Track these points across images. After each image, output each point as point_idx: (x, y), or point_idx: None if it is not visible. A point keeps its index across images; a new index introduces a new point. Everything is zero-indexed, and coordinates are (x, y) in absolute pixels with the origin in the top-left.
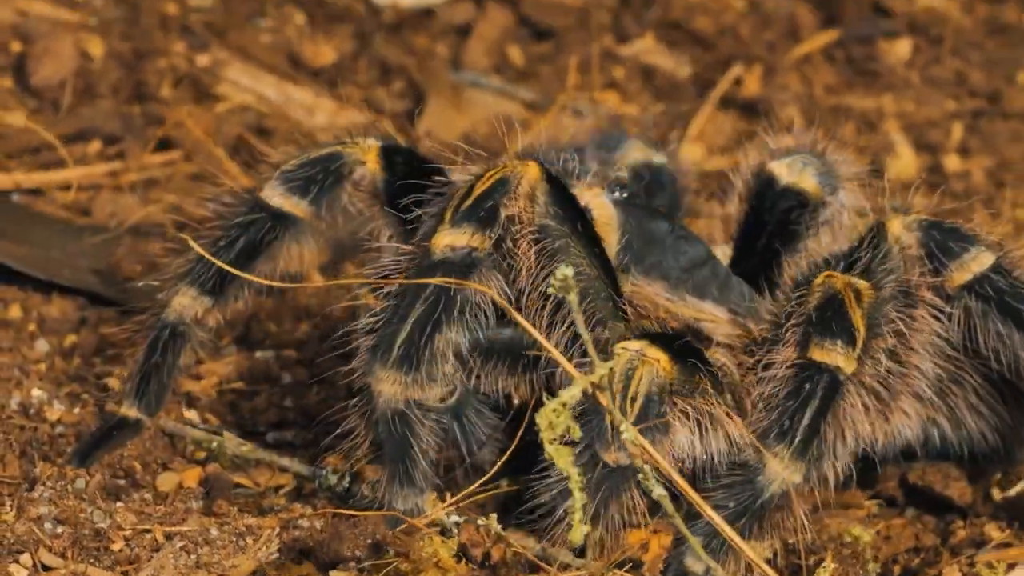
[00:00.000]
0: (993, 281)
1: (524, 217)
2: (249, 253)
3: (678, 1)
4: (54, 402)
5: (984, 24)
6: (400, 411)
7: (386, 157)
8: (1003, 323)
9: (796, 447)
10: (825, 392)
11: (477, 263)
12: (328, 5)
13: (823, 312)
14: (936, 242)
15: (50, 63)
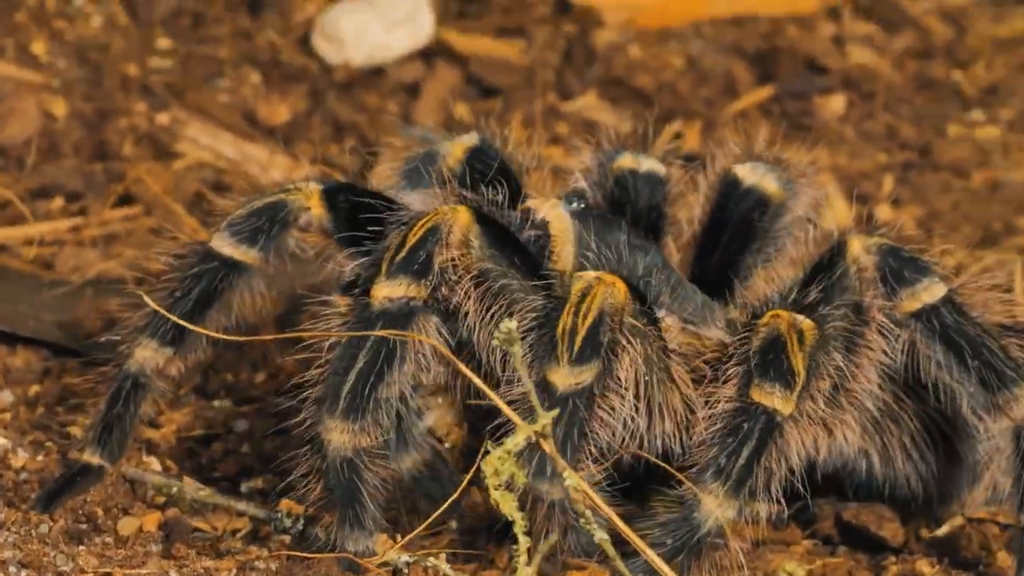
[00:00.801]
0: (941, 313)
1: (461, 262)
2: (204, 302)
3: (619, 59)
4: (18, 450)
5: (914, 80)
6: (348, 459)
7: (329, 199)
8: (944, 355)
9: (731, 485)
10: (762, 433)
11: (416, 311)
12: (283, 66)
13: (765, 355)
14: (892, 268)
15: (15, 123)
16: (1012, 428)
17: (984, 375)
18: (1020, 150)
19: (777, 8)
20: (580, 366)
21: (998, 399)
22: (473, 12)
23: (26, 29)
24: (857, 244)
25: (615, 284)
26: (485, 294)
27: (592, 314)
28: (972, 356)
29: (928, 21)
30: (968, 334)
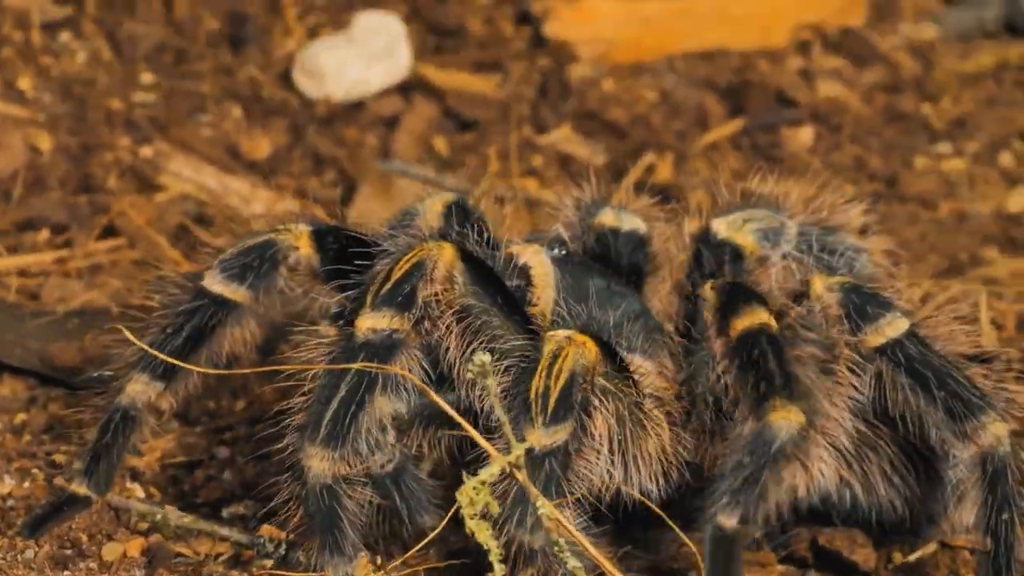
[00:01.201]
0: (905, 347)
1: (444, 297)
2: (195, 339)
3: (593, 93)
4: (5, 477)
5: (882, 112)
6: (328, 485)
7: (318, 240)
8: (911, 387)
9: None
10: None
11: (399, 344)
12: (264, 100)
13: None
14: (854, 305)
15: (1, 156)
16: (979, 455)
17: (950, 404)
18: (986, 182)
19: (748, 43)
20: (554, 426)
21: (965, 427)
22: (450, 47)
23: (12, 65)
24: (819, 284)
25: (585, 344)
26: (466, 330)
27: (564, 375)
28: (938, 387)
29: (897, 56)
30: (933, 365)
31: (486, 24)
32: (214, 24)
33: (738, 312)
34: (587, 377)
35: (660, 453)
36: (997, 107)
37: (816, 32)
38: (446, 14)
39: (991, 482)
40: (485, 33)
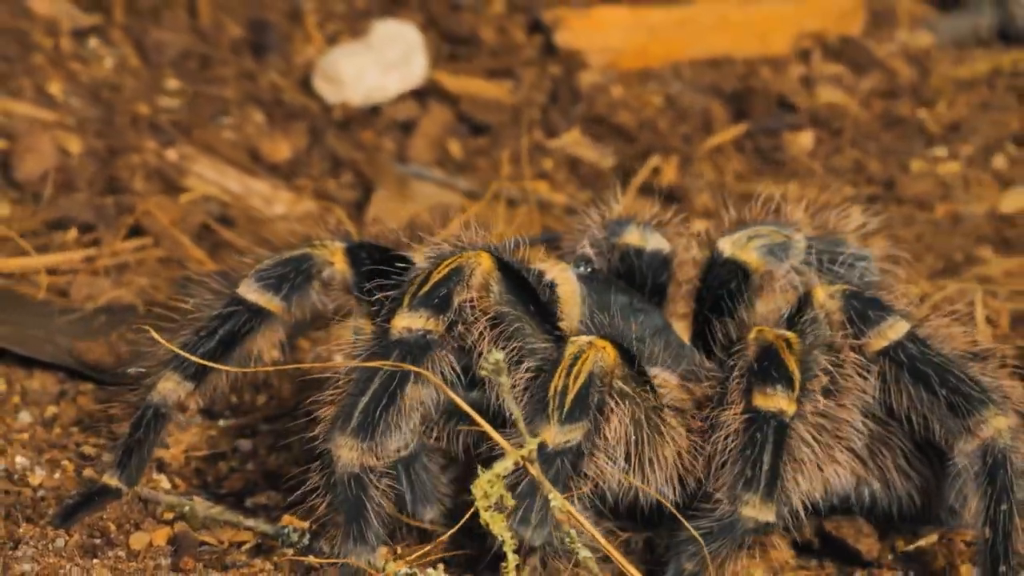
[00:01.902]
0: (906, 348)
1: (480, 304)
2: (227, 343)
3: (602, 98)
4: (36, 468)
5: (880, 118)
6: (356, 475)
7: (351, 256)
8: (914, 386)
9: (764, 491)
10: (776, 436)
11: (431, 344)
12: (284, 105)
13: (761, 362)
14: (856, 310)
15: (32, 159)
16: (980, 446)
17: (952, 400)
18: (980, 184)
19: (751, 50)
20: (569, 425)
21: (967, 422)
22: (464, 55)
23: (43, 71)
24: (821, 292)
25: (605, 348)
26: (499, 337)
27: (582, 376)
28: (940, 384)
29: (894, 63)
30: (934, 363)
31: (499, 33)
32: (237, 31)
33: (764, 389)
34: (605, 380)
35: (677, 459)
36: (990, 112)
37: (816, 40)
38: (460, 23)
39: (990, 473)
40: (498, 41)
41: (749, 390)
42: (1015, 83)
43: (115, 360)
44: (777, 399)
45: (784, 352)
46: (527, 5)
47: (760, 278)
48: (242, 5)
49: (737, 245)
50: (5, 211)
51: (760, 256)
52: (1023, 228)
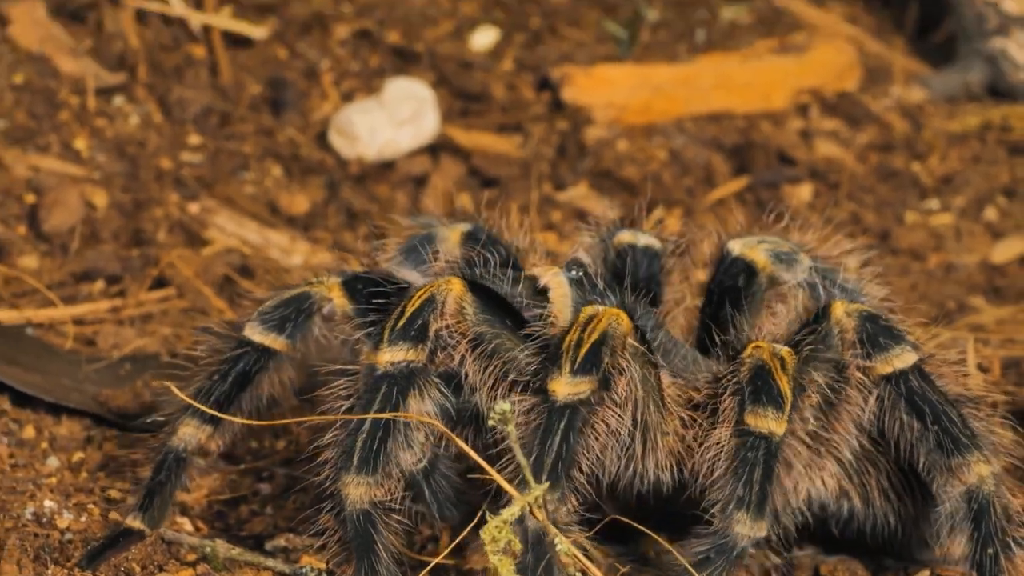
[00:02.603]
0: (909, 380)
1: (458, 328)
2: (240, 384)
3: (608, 153)
4: (64, 512)
5: (876, 171)
6: (365, 511)
7: (348, 288)
8: (907, 416)
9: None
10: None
11: (416, 373)
12: (302, 160)
13: (754, 382)
14: (869, 333)
15: (60, 212)
16: (964, 492)
17: (940, 439)
18: (971, 235)
19: (751, 106)
20: (581, 377)
21: (951, 462)
22: (474, 111)
23: (69, 127)
24: (840, 308)
25: (620, 315)
26: (481, 356)
27: (597, 332)
28: (932, 421)
29: (889, 117)
30: (931, 400)
31: (508, 90)
32: (256, 89)
33: (756, 411)
34: (618, 340)
35: (677, 440)
36: (981, 165)
37: (814, 96)
38: (471, 80)
39: (975, 518)
40: (507, 98)
41: (741, 409)
42: (1005, 137)
43: (140, 407)
44: (768, 421)
45: (777, 373)
46: (535, 63)
47: (767, 279)
48: (261, 64)
49: (747, 246)
50: (34, 263)
51: (767, 257)
52: (1014, 278)
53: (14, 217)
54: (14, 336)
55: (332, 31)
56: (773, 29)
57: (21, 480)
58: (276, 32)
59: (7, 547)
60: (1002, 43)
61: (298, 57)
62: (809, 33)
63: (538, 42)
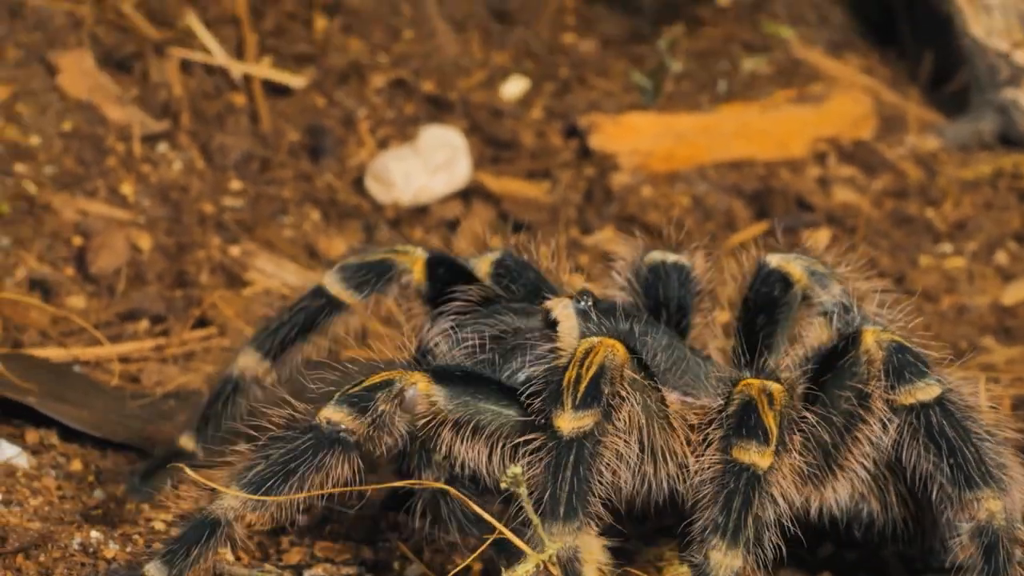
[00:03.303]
0: (929, 414)
1: (435, 417)
2: (306, 326)
3: (633, 199)
4: (109, 542)
5: (891, 216)
6: None
7: (430, 267)
8: (925, 448)
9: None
10: (747, 487)
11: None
12: (339, 204)
13: (740, 417)
14: (896, 363)
15: (106, 255)
16: (976, 527)
17: (953, 474)
18: (983, 278)
19: (771, 154)
20: (583, 411)
21: (963, 497)
22: (505, 158)
23: (116, 172)
24: (871, 337)
25: (615, 346)
26: (467, 436)
27: (595, 367)
28: (948, 455)
29: (903, 165)
30: (948, 436)
31: (537, 137)
32: (295, 136)
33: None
34: (616, 371)
35: (684, 452)
36: (993, 211)
37: (831, 144)
38: (502, 128)
39: (986, 553)
40: (536, 145)
41: (727, 442)
42: (1016, 184)
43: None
44: (751, 454)
45: (763, 409)
46: (564, 112)
47: (801, 291)
48: (299, 112)
49: (784, 259)
50: (81, 303)
51: (802, 271)
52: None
53: (62, 259)
54: (62, 373)
55: (369, 80)
56: (792, 80)
57: (69, 511)
58: (314, 81)
59: (55, 575)
60: (1013, 94)
61: (336, 105)
62: (827, 84)
63: (567, 91)
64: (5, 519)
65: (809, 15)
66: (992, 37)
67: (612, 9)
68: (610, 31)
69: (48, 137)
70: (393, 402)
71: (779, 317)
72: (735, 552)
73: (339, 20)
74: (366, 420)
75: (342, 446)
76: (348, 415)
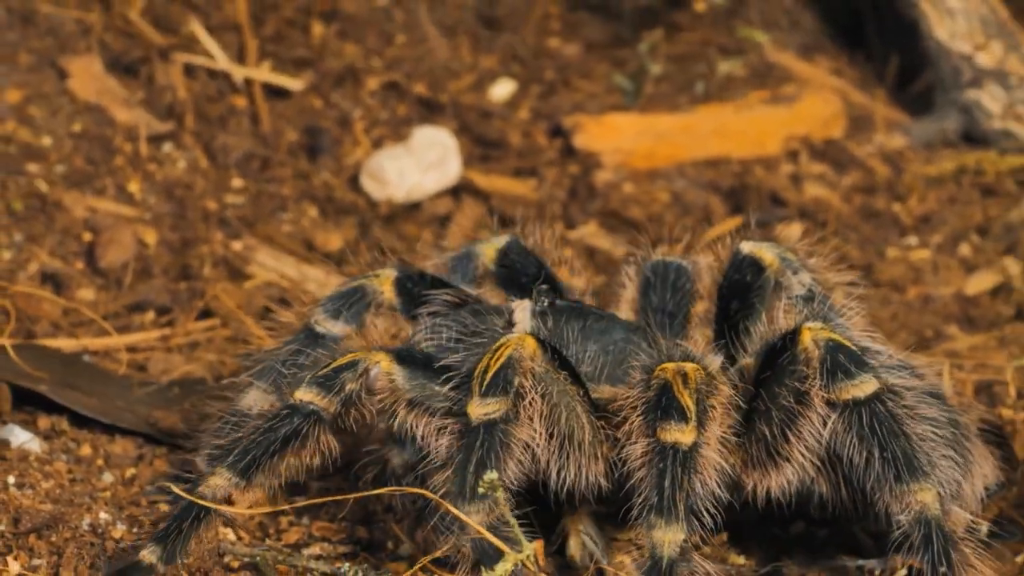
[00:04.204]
0: (863, 409)
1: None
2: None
3: (615, 195)
4: (117, 523)
5: (859, 211)
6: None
7: (399, 285)
8: (859, 443)
9: (668, 513)
10: (674, 464)
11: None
12: (336, 201)
13: (658, 400)
14: (833, 360)
15: (114, 250)
16: (912, 518)
17: (885, 469)
18: (947, 269)
19: (746, 152)
20: (489, 399)
21: (896, 490)
22: (493, 157)
23: (123, 171)
24: (808, 335)
25: (525, 340)
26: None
27: (502, 359)
28: (880, 450)
29: (871, 162)
30: (880, 432)
31: (524, 137)
32: (294, 136)
33: (662, 425)
34: (523, 363)
35: (601, 449)
36: (957, 205)
37: (803, 143)
38: (490, 128)
39: (924, 542)
40: (523, 145)
41: (651, 426)
42: (978, 180)
43: (187, 427)
44: (673, 432)
45: (678, 389)
46: (549, 112)
47: (774, 276)
48: (298, 113)
49: (757, 246)
50: (91, 296)
51: (774, 256)
52: (985, 308)
53: (72, 254)
54: (72, 362)
55: (364, 83)
56: (765, 82)
57: (79, 494)
58: (312, 84)
59: (65, 555)
60: (976, 94)
61: (332, 107)
62: (798, 85)
63: (552, 93)
64: (19, 501)
65: (781, 20)
66: (955, 40)
67: (595, 15)
68: (593, 36)
69: (59, 138)
70: (359, 380)
71: (753, 302)
72: (676, 527)
73: (335, 26)
74: (336, 399)
75: (317, 418)
76: (318, 395)
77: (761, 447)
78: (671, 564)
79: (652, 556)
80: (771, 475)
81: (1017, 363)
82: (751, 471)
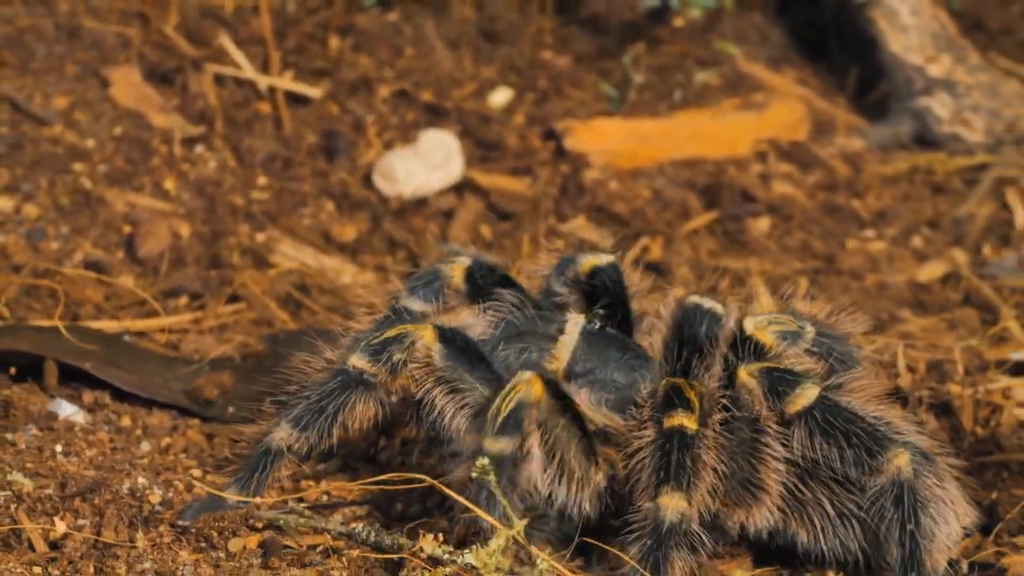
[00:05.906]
0: (813, 413)
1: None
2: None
3: (602, 192)
4: (154, 487)
5: (822, 206)
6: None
7: (469, 272)
8: (826, 440)
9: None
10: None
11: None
12: (351, 197)
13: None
14: (770, 384)
15: (152, 241)
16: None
17: (858, 451)
18: (901, 259)
19: (720, 153)
20: (501, 437)
21: (874, 464)
22: (493, 157)
23: (160, 170)
24: (743, 372)
25: (533, 383)
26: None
27: (512, 403)
28: (846, 438)
29: (833, 162)
30: (836, 423)
31: (520, 139)
32: (313, 139)
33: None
34: (530, 407)
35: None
36: (910, 202)
37: (771, 145)
38: (490, 132)
39: (895, 500)
40: (519, 146)
41: (659, 418)
42: (929, 179)
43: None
44: (679, 417)
45: (685, 388)
46: (543, 117)
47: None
48: (317, 118)
49: (759, 326)
50: (131, 282)
51: (774, 338)
52: (936, 294)
53: (114, 244)
54: (114, 342)
55: (376, 91)
56: (737, 90)
57: (119, 461)
58: (329, 92)
59: (107, 516)
60: (927, 102)
61: (347, 113)
62: (767, 94)
63: (545, 100)
64: (65, 467)
65: (752, 35)
66: (909, 53)
67: (584, 30)
68: (582, 49)
69: (101, 140)
70: (406, 351)
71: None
72: (680, 495)
73: (350, 40)
74: (385, 367)
75: (365, 386)
76: (369, 362)
77: (736, 483)
78: (671, 528)
79: (655, 520)
80: (752, 509)
81: (964, 344)
82: (734, 510)
